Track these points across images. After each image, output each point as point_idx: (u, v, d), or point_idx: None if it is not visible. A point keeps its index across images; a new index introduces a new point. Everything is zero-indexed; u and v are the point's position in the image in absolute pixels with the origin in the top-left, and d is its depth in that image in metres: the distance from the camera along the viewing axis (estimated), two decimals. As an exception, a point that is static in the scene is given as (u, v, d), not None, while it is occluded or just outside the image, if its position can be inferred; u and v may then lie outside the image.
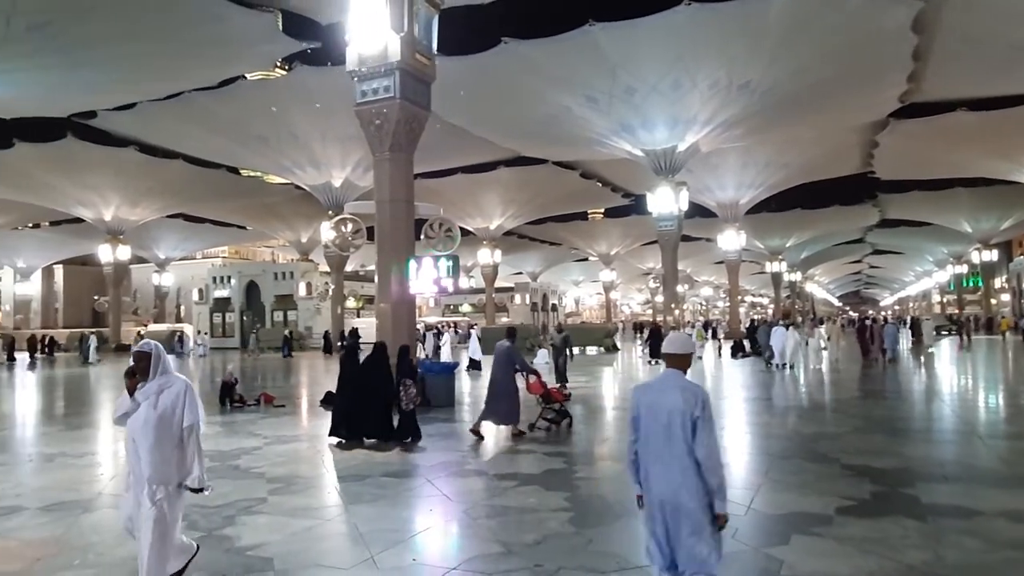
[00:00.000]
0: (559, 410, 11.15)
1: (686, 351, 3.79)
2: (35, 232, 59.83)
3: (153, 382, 4.29)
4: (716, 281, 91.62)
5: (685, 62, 26.04)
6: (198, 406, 4.33)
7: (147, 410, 4.22)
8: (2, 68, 22.66)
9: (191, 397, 4.30)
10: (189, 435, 4.27)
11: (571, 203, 52.99)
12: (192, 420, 4.27)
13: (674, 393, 3.60)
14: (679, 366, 3.75)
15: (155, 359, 4.31)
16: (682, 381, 3.67)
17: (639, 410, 3.72)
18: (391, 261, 14.48)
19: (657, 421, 3.60)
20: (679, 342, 3.83)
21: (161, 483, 4.15)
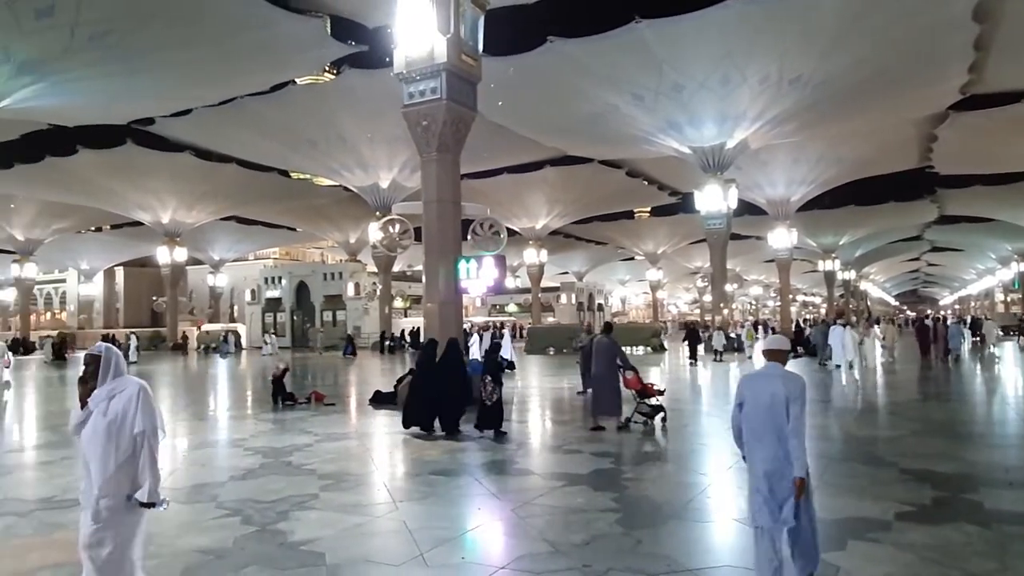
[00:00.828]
0: (654, 405, 11.33)
1: (783, 347, 4.64)
2: (97, 235, 62.09)
3: (103, 387, 3.90)
4: (766, 280, 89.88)
5: (734, 57, 25.59)
6: (154, 412, 3.92)
7: (96, 418, 3.85)
8: (66, 77, 23.58)
9: (145, 401, 3.88)
10: (142, 443, 3.83)
11: (617, 202, 52.59)
12: (144, 426, 3.83)
13: (776, 381, 4.33)
14: (778, 359, 4.52)
15: (105, 362, 3.92)
16: (782, 371, 4.43)
17: (745, 395, 4.45)
18: (438, 261, 14.59)
19: (760, 404, 4.31)
20: (776, 341, 4.70)
21: (109, 498, 3.78)
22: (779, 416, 4.21)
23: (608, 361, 11.15)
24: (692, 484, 7.62)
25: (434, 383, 11.25)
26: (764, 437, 4.27)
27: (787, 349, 4.68)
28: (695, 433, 11.16)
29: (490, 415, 10.70)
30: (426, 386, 11.34)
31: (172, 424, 13.41)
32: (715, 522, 6.31)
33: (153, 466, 3.88)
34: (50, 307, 75.95)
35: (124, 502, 3.83)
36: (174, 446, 11.02)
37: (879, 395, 16.44)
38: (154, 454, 3.90)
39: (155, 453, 3.90)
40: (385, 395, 14.86)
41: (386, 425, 12.16)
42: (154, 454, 3.90)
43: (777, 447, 4.21)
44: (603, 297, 78.35)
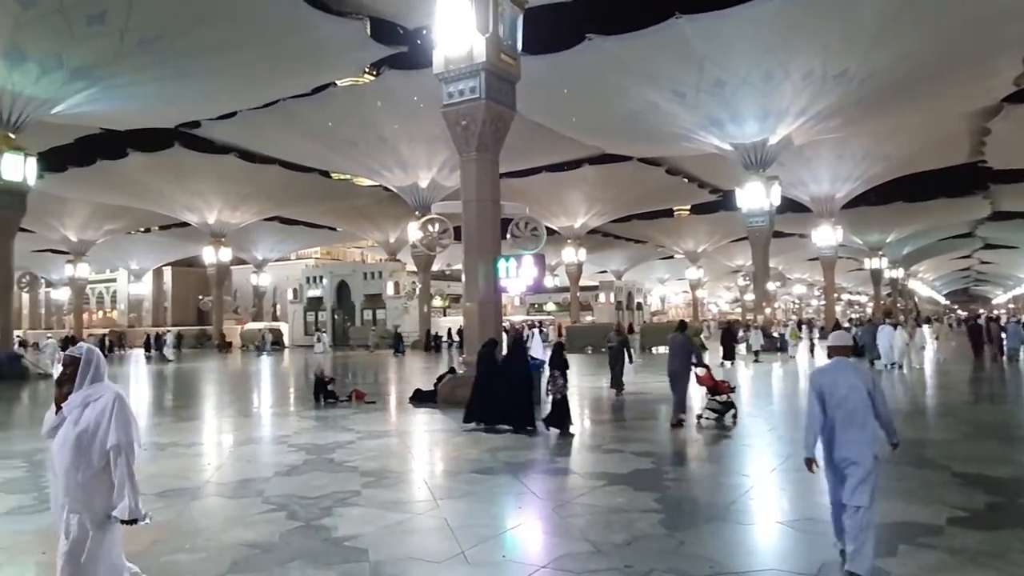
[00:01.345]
0: (724, 402, 11.36)
1: (846, 343, 5.09)
2: (146, 236, 63.82)
3: (79, 393, 3.59)
4: (810, 278, 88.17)
5: (777, 52, 25.14)
6: (130, 423, 3.58)
7: (67, 426, 3.55)
8: (117, 82, 24.30)
9: (120, 412, 3.55)
10: (116, 457, 3.50)
11: (656, 200, 52.13)
12: (118, 439, 3.50)
13: (848, 373, 4.79)
14: (843, 354, 4.97)
15: (83, 365, 3.60)
16: (852, 364, 4.90)
17: (821, 389, 4.78)
18: (478, 260, 14.64)
19: (837, 394, 4.70)
20: (841, 337, 5.13)
21: (78, 513, 3.51)
22: (855, 405, 4.65)
23: (682, 357, 11.39)
24: (735, 485, 7.51)
25: (495, 380, 11.49)
26: (842, 425, 4.67)
27: (851, 344, 5.12)
28: (736, 434, 10.98)
29: (559, 411, 10.87)
30: (488, 383, 11.61)
31: (218, 420, 13.74)
32: (758, 524, 6.21)
33: (131, 481, 3.55)
34: (102, 306, 78.30)
35: (96, 519, 3.55)
36: (220, 442, 11.29)
37: (929, 396, 15.99)
38: (131, 468, 3.56)
39: (131, 467, 3.57)
40: (425, 393, 14.96)
41: (426, 423, 12.26)
42: (131, 468, 3.56)
43: (853, 434, 4.63)
44: (642, 296, 77.69)
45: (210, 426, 12.98)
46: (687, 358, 11.43)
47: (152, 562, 5.19)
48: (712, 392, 11.49)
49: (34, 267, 61.11)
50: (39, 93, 23.14)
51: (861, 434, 4.64)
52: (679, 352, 11.52)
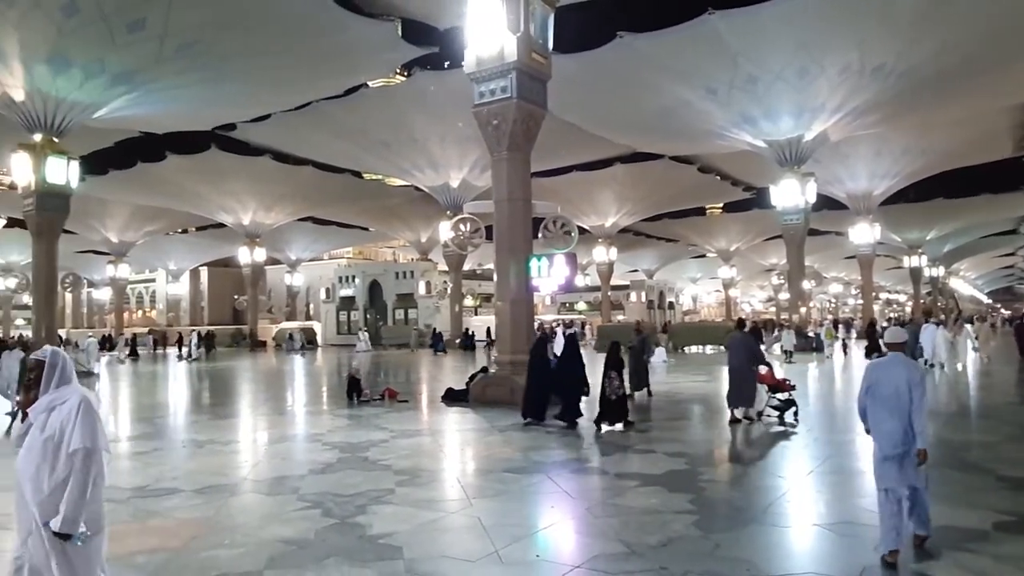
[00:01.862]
0: (785, 400, 11.37)
1: (902, 339, 5.48)
2: (184, 237, 65.11)
3: (44, 397, 3.35)
4: (847, 277, 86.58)
5: (812, 47, 24.72)
6: (95, 427, 3.31)
7: (33, 433, 3.32)
8: (156, 87, 24.81)
9: (85, 415, 3.29)
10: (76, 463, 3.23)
11: (688, 198, 51.68)
12: (80, 444, 3.22)
13: (900, 368, 5.16)
14: (898, 349, 5.37)
15: (48, 369, 3.36)
16: (904, 359, 5.28)
17: (873, 379, 5.24)
18: (509, 259, 14.66)
19: (887, 387, 5.10)
20: (896, 334, 5.53)
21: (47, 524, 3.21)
22: (903, 398, 5.03)
23: (744, 356, 11.43)
24: (771, 488, 7.41)
25: (547, 377, 11.80)
26: (891, 414, 5.06)
27: (906, 340, 5.56)
28: (774, 436, 10.82)
29: (614, 409, 11.08)
30: (540, 380, 11.88)
31: (253, 418, 13.95)
32: (795, 527, 6.11)
33: (80, 492, 3.23)
34: (141, 305, 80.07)
35: None
36: (255, 439, 11.46)
37: (973, 398, 15.60)
38: (86, 478, 3.25)
39: (88, 477, 3.26)
40: (457, 392, 15.01)
41: (458, 422, 12.30)
42: (86, 478, 3.25)
43: (901, 423, 5.03)
44: (674, 295, 76.99)
45: (246, 424, 13.19)
46: (749, 356, 11.45)
47: (192, 557, 5.30)
48: (773, 390, 11.56)
49: (77, 268, 62.77)
50: (82, 98, 23.72)
51: (903, 424, 5.02)
52: (741, 350, 11.53)
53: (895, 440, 5.04)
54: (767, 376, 11.65)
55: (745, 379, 11.39)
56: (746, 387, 11.38)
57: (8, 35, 20.66)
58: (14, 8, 19.78)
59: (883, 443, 5.11)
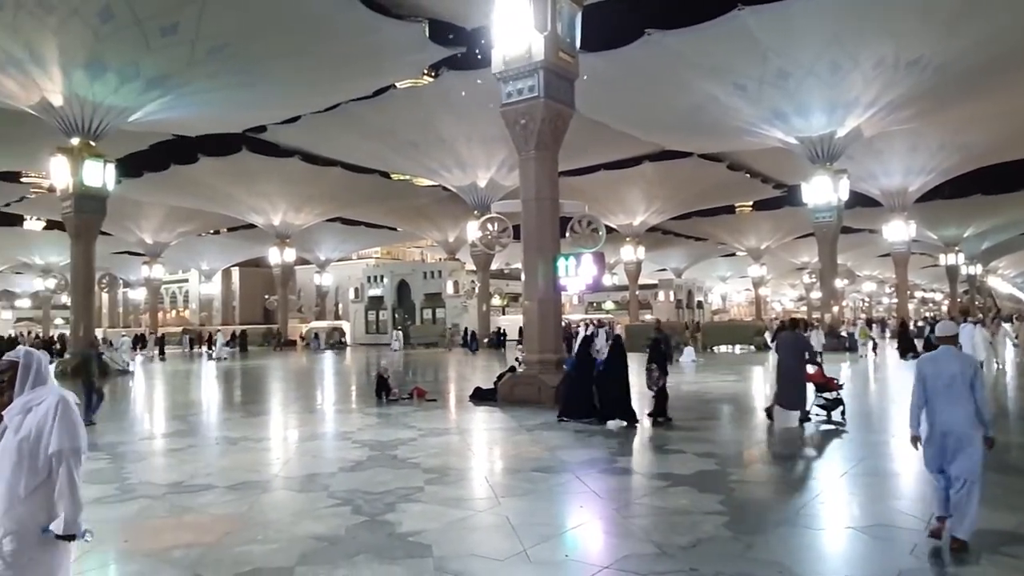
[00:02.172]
0: (833, 398, 11.38)
1: (953, 333, 5.68)
2: (216, 238, 66.18)
3: (19, 399, 3.25)
4: (880, 275, 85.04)
5: (844, 41, 24.31)
6: (75, 427, 3.24)
7: (7, 435, 3.20)
8: (188, 90, 25.24)
9: (64, 415, 3.21)
10: (58, 465, 3.16)
11: (718, 196, 51.13)
12: (61, 446, 3.16)
13: (953, 361, 5.36)
14: (950, 343, 5.56)
15: (22, 370, 3.26)
16: (957, 352, 5.50)
17: (926, 373, 5.40)
18: (537, 259, 14.65)
19: (941, 380, 5.29)
20: (947, 328, 5.72)
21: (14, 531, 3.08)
22: (957, 389, 5.21)
23: (795, 355, 11.34)
24: (803, 489, 7.32)
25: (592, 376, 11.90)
26: (947, 404, 5.24)
27: (956, 333, 5.75)
28: (806, 437, 10.67)
29: (657, 402, 11.36)
30: (585, 379, 11.95)
31: (284, 416, 14.12)
32: (828, 529, 6.03)
33: (73, 492, 3.21)
34: (175, 305, 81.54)
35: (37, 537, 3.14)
36: (286, 437, 11.60)
37: (1012, 398, 15.21)
38: (74, 477, 3.22)
39: (75, 476, 3.23)
40: (485, 391, 15.04)
41: (486, 421, 12.32)
42: (74, 477, 3.22)
43: (957, 414, 5.21)
44: (703, 294, 76.36)
45: (277, 421, 13.36)
46: (800, 355, 11.33)
47: (226, 552, 5.38)
48: (820, 389, 11.52)
49: (113, 268, 64.12)
50: (118, 102, 24.22)
51: (964, 414, 5.20)
52: (792, 349, 11.44)
53: (944, 430, 5.22)
54: (816, 375, 11.63)
55: (796, 380, 11.24)
56: (796, 388, 11.23)
57: (47, 41, 21.17)
58: (53, 15, 20.27)
59: (933, 432, 5.30)
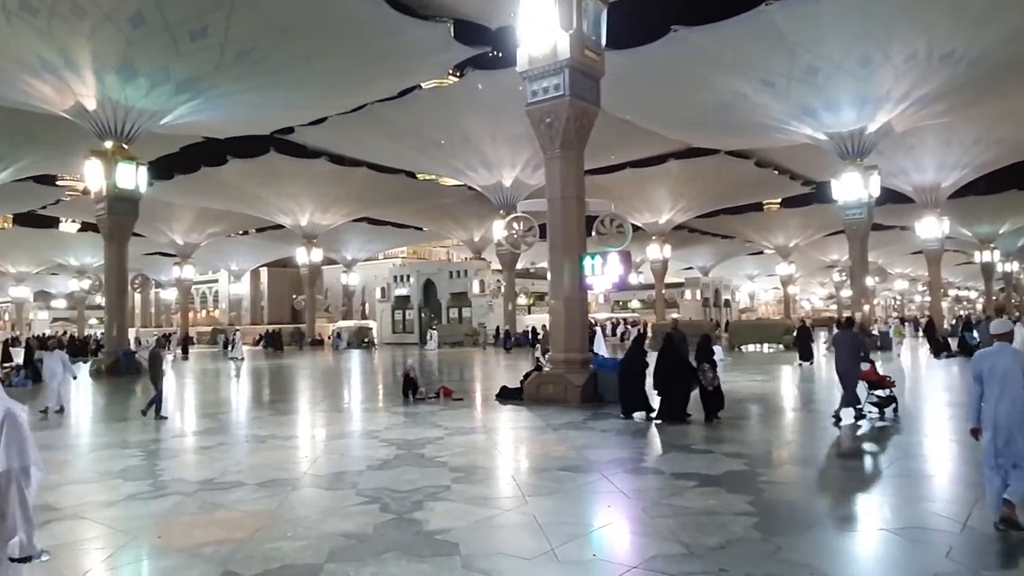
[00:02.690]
0: (885, 396, 11.44)
1: (1007, 329, 5.88)
2: (244, 238, 67.10)
3: None
4: (913, 273, 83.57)
5: (875, 35, 23.89)
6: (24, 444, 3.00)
7: None
8: (218, 93, 25.61)
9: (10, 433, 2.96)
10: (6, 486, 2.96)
11: (745, 194, 50.59)
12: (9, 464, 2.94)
13: (1008, 355, 5.59)
14: (1005, 339, 5.79)
15: None
16: (1010, 349, 5.71)
17: (983, 368, 5.61)
18: (563, 258, 14.62)
19: (996, 375, 5.50)
20: (1003, 325, 5.93)
21: None
22: (1014, 381, 5.41)
23: (851, 353, 11.31)
24: (834, 490, 7.21)
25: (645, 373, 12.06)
26: (1003, 396, 5.42)
27: (1011, 330, 5.98)
28: (834, 436, 10.53)
29: (713, 400, 11.48)
30: (639, 376, 12.15)
31: (311, 414, 14.26)
32: (861, 531, 5.94)
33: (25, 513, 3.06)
34: (205, 305, 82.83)
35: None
36: (314, 435, 11.72)
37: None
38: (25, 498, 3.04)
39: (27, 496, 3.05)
40: (512, 390, 15.07)
41: (512, 420, 12.34)
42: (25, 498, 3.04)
43: (1013, 405, 5.38)
44: (730, 293, 75.59)
45: (304, 420, 13.50)
46: (855, 353, 11.31)
47: (257, 548, 5.45)
48: (873, 386, 11.51)
49: (145, 269, 65.35)
50: (149, 106, 24.66)
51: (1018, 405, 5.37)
52: (848, 348, 11.40)
53: (1001, 423, 5.39)
54: (869, 372, 11.62)
55: (851, 379, 11.20)
56: (851, 387, 11.19)
57: (80, 46, 21.62)
58: (86, 20, 20.69)
59: (990, 425, 5.47)
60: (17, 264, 69.16)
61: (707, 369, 11.58)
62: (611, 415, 12.30)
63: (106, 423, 13.68)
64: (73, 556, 5.54)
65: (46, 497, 7.22)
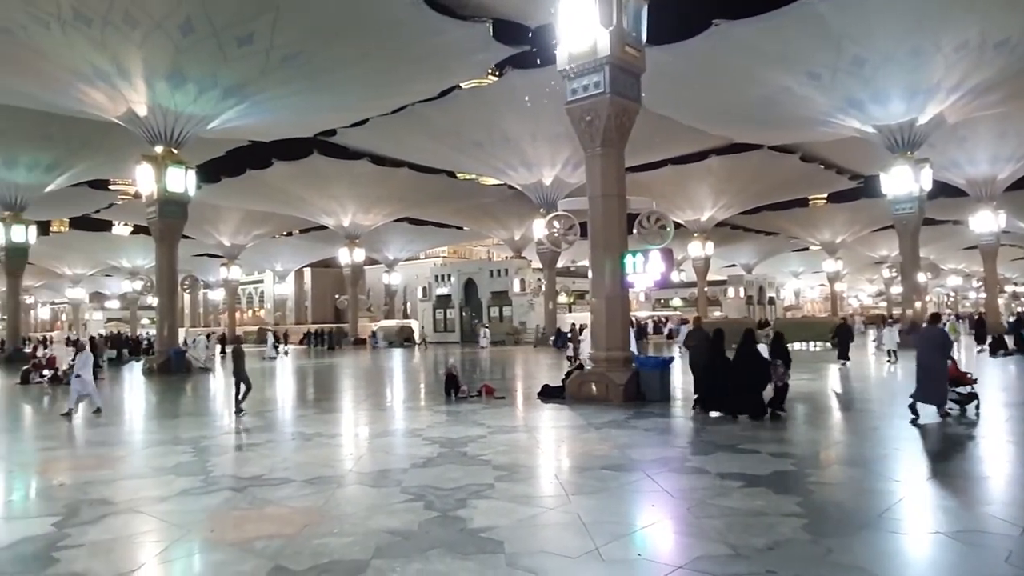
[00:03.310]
0: (967, 393, 11.42)
1: None
2: (288, 239, 68.38)
3: None
4: (967, 269, 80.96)
5: (926, 25, 23.22)
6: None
7: None
8: (263, 97, 26.14)
9: None
10: None
11: (789, 189, 49.71)
12: None
13: None
14: None
15: None
16: None
17: None
18: (604, 256, 14.54)
19: None
20: None
21: None
22: None
23: (937, 350, 11.14)
24: (886, 492, 7.02)
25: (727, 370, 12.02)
26: None
27: None
28: (885, 437, 10.27)
29: (777, 395, 11.66)
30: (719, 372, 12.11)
31: (355, 413, 14.44)
32: (914, 534, 5.77)
33: None
34: (251, 305, 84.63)
35: None
36: (358, 434, 11.87)
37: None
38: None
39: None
40: (553, 389, 15.05)
41: (554, 419, 12.32)
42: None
43: None
44: (774, 290, 74.23)
45: (348, 418, 13.69)
46: (943, 351, 11.13)
47: (305, 544, 5.55)
48: (954, 383, 11.40)
49: (194, 270, 67.05)
50: (197, 111, 25.29)
51: None
52: (935, 344, 11.22)
53: None
54: (951, 369, 11.50)
55: (935, 376, 11.01)
56: (936, 384, 10.98)
57: (132, 54, 22.28)
58: (137, 29, 21.31)
59: None
60: (73, 266, 71.76)
61: (779, 365, 11.68)
62: (654, 414, 12.21)
63: (158, 420, 14.07)
64: (129, 549, 5.73)
65: (103, 492, 7.50)
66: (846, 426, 11.41)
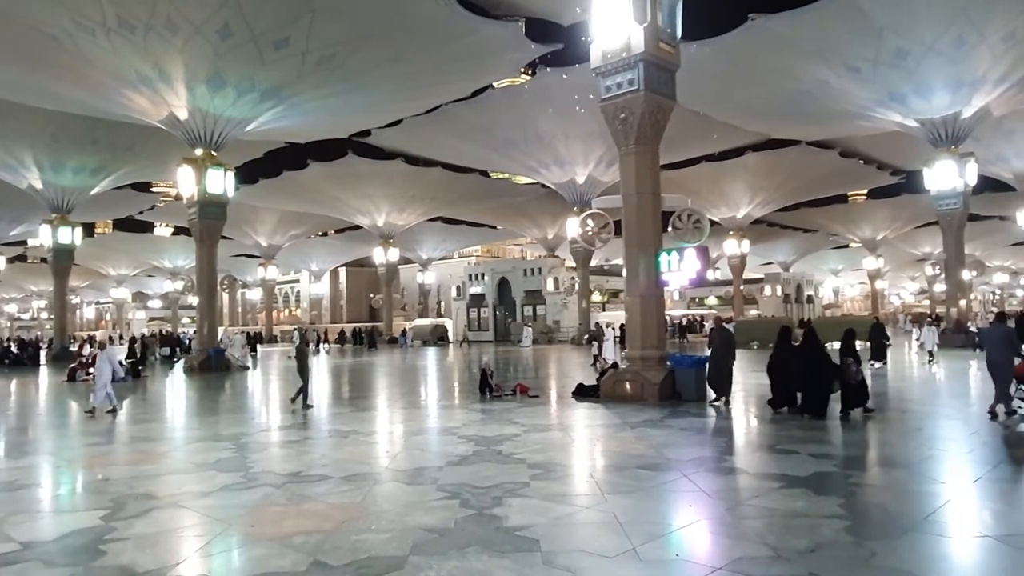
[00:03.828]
0: None
1: None
2: (324, 239, 69.26)
3: None
4: (1014, 266, 78.63)
5: (970, 14, 22.59)
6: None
7: None
8: (300, 99, 26.50)
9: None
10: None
11: (828, 185, 48.80)
12: None
13: None
14: None
15: None
16: None
17: None
18: (639, 254, 14.44)
19: None
20: None
21: None
22: None
23: (1007, 346, 11.06)
24: (930, 494, 6.85)
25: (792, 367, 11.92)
26: None
27: None
28: (930, 437, 10.03)
29: (856, 395, 11.43)
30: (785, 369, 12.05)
31: (391, 411, 14.56)
32: (958, 538, 5.62)
33: None
34: (288, 304, 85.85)
35: None
36: (393, 431, 11.96)
37: None
38: None
39: None
40: (588, 388, 15.00)
41: (588, 418, 12.27)
42: None
43: None
44: (812, 288, 72.88)
45: (384, 416, 13.81)
46: (1009, 348, 11.03)
47: (343, 539, 5.62)
48: (1021, 381, 11.21)
49: (232, 270, 68.32)
50: (236, 114, 25.75)
51: None
52: (1001, 342, 11.14)
53: None
54: (1019, 368, 11.30)
55: (1003, 374, 10.92)
56: (1003, 383, 10.88)
57: (173, 60, 22.77)
58: (178, 35, 21.77)
59: None
60: (117, 267, 73.68)
61: (851, 363, 11.50)
62: (688, 413, 12.08)
63: (199, 417, 14.35)
64: (173, 542, 5.86)
65: (148, 486, 7.67)
66: (886, 427, 11.15)
